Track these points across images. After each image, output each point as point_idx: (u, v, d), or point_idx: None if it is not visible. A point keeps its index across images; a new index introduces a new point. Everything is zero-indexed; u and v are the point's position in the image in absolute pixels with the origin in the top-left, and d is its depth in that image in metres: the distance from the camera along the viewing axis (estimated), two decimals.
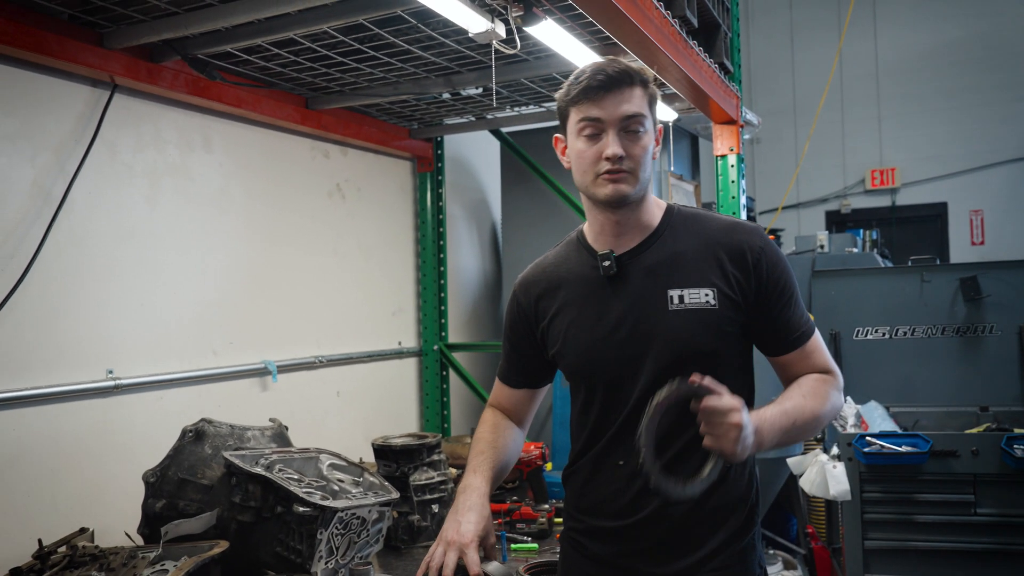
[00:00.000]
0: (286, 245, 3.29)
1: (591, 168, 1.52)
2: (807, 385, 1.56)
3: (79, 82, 2.47)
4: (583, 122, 1.51)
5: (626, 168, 1.49)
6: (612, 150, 1.48)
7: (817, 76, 8.99)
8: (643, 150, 1.51)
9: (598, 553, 1.62)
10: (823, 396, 1.55)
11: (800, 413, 1.50)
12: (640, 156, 1.51)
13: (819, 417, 1.53)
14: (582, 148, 1.52)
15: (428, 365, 4.12)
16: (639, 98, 1.51)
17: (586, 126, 1.51)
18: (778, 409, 1.48)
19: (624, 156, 1.49)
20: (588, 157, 1.52)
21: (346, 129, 3.50)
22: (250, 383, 3.09)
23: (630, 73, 1.50)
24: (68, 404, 2.41)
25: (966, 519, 3.11)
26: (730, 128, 3.35)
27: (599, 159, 1.50)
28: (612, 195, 1.51)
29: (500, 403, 1.83)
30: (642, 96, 1.52)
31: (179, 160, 2.82)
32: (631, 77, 1.50)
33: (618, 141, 1.49)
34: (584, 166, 1.53)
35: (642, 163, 1.52)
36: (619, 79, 1.49)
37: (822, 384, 1.57)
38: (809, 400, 1.52)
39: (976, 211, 8.58)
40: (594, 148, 1.51)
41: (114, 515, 2.49)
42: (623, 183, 1.50)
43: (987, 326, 3.78)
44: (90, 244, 2.51)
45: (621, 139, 1.49)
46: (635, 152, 1.50)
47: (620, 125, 1.49)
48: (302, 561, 2.21)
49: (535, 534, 2.72)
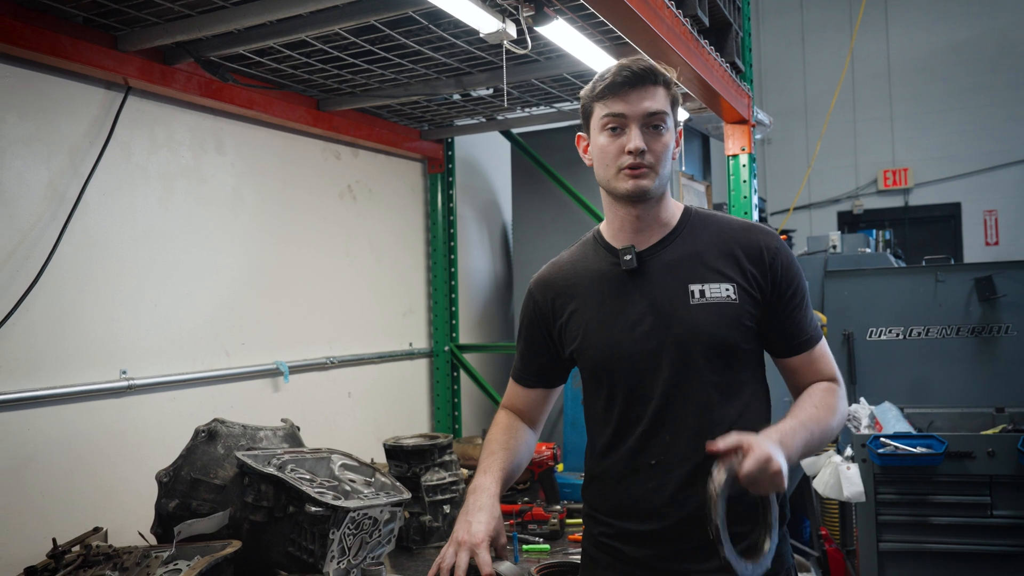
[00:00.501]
0: (298, 246, 3.30)
1: (613, 162, 1.55)
2: (818, 396, 1.58)
3: (94, 84, 2.49)
4: (607, 117, 1.54)
5: (647, 163, 1.52)
6: (634, 144, 1.51)
7: (828, 76, 8.95)
8: (664, 147, 1.54)
9: (635, 556, 1.60)
10: (832, 407, 1.57)
11: (817, 424, 1.52)
12: (661, 152, 1.54)
13: (832, 428, 1.56)
14: (605, 143, 1.55)
15: (439, 366, 4.12)
16: (662, 97, 1.54)
17: (610, 121, 1.54)
18: (796, 422, 1.49)
19: (646, 150, 1.51)
20: (611, 151, 1.55)
21: (357, 130, 3.51)
22: (262, 384, 3.10)
23: (655, 72, 1.54)
24: (82, 404, 2.42)
25: (982, 521, 3.09)
26: (742, 128, 3.34)
27: (621, 153, 1.53)
28: (633, 190, 1.54)
29: (513, 404, 1.83)
30: (665, 96, 1.55)
31: (192, 162, 2.84)
32: (656, 76, 1.54)
33: (640, 136, 1.52)
34: (607, 160, 1.56)
35: (663, 159, 1.54)
36: (644, 76, 1.52)
37: (830, 396, 1.59)
38: (822, 412, 1.54)
39: (990, 211, 8.52)
40: (617, 142, 1.54)
41: (127, 515, 2.51)
42: (644, 178, 1.53)
43: (1003, 326, 3.75)
44: (104, 245, 2.52)
45: (644, 134, 1.52)
46: (656, 148, 1.53)
47: (643, 121, 1.52)
48: (314, 561, 2.21)
49: (547, 535, 2.71)
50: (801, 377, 1.62)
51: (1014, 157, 8.33)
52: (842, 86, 8.57)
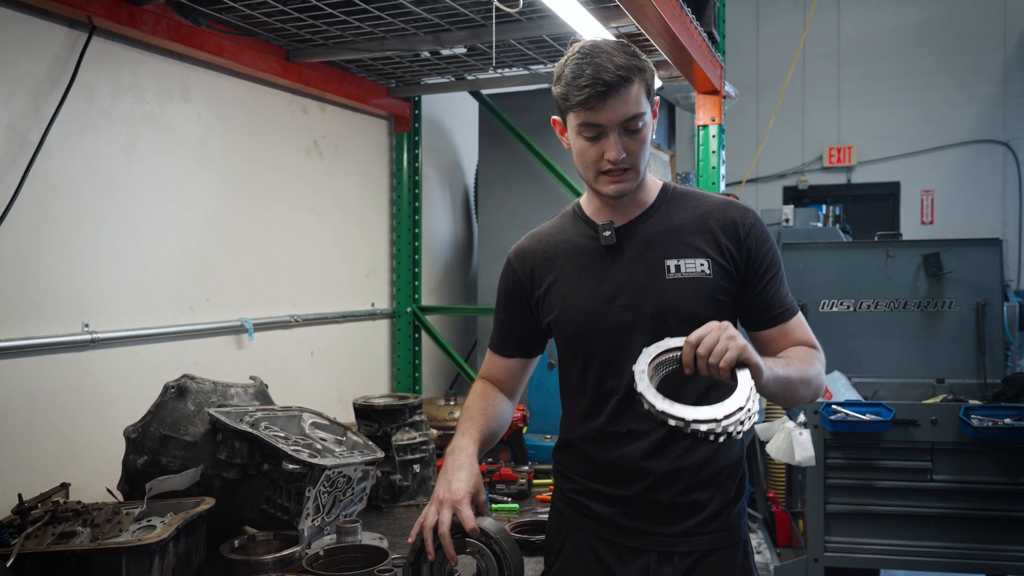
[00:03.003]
0: (264, 201, 3.22)
1: (593, 166, 1.55)
2: (793, 351, 1.61)
3: (56, 22, 2.36)
4: (583, 127, 1.52)
5: (627, 166, 1.53)
6: (614, 154, 1.50)
7: (781, 52, 9.07)
8: (642, 143, 1.54)
9: (603, 514, 1.65)
10: (810, 362, 1.59)
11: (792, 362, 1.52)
12: (639, 150, 1.54)
13: (810, 378, 1.56)
14: (583, 147, 1.54)
15: (401, 327, 4.10)
16: (636, 94, 1.50)
17: (586, 130, 1.52)
18: (775, 359, 1.51)
19: (625, 156, 1.51)
20: (590, 156, 1.54)
21: (326, 84, 3.42)
22: (226, 340, 3.03)
23: (628, 73, 1.48)
24: (43, 357, 2.34)
25: (923, 485, 3.26)
26: (713, 98, 3.36)
27: (601, 159, 1.53)
28: (614, 193, 1.57)
29: (491, 375, 1.84)
30: (639, 89, 1.50)
31: (157, 109, 2.73)
32: (630, 76, 1.48)
33: (619, 144, 1.50)
34: (586, 163, 1.56)
35: (641, 156, 1.55)
36: (618, 84, 1.47)
37: (808, 353, 1.62)
38: (796, 361, 1.55)
39: (927, 191, 8.82)
40: (596, 148, 1.53)
41: (89, 471, 2.44)
42: (625, 182, 1.55)
43: (947, 301, 3.93)
44: (66, 193, 2.41)
45: (622, 138, 1.51)
46: (634, 148, 1.53)
47: (621, 127, 1.50)
48: (289, 519, 2.20)
49: (515, 495, 2.75)
50: (777, 348, 1.65)
51: (951, 140, 8.61)
52: (793, 64, 8.71)
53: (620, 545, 1.63)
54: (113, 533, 1.96)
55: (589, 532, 1.67)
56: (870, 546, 3.31)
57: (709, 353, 1.32)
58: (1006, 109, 8.32)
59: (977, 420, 3.16)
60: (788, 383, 1.48)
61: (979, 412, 3.22)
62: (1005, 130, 8.34)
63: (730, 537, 1.63)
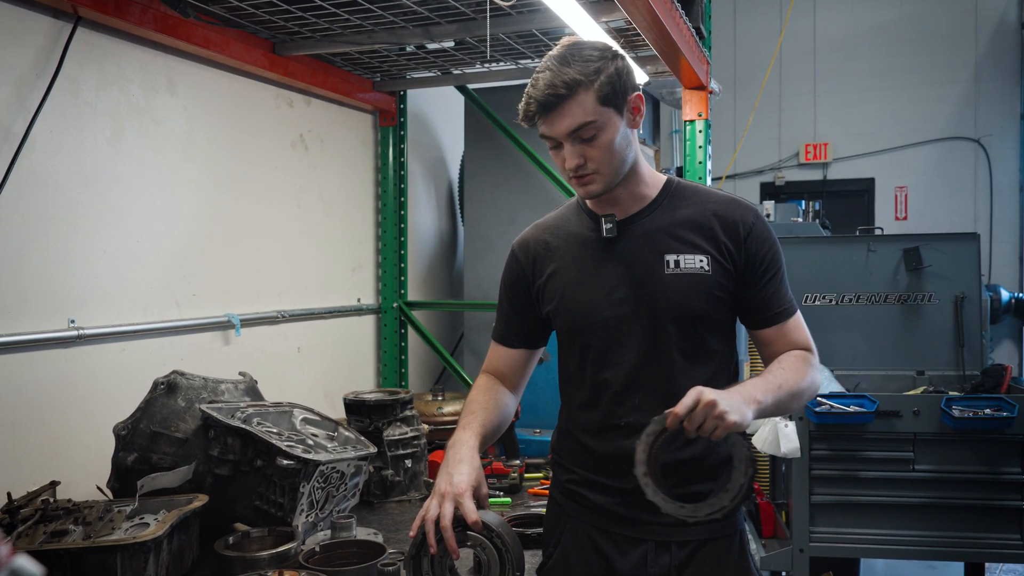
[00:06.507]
0: (250, 196, 3.19)
1: (563, 172, 1.60)
2: (788, 361, 1.62)
3: (40, 12, 2.31)
4: (543, 138, 1.58)
5: (589, 171, 1.56)
6: (570, 163, 1.55)
7: (759, 50, 9.15)
8: (603, 149, 1.54)
9: (600, 504, 1.66)
10: (803, 372, 1.60)
11: (786, 383, 1.55)
12: (599, 156, 1.54)
13: (802, 390, 1.59)
14: (552, 154, 1.60)
15: (387, 323, 4.08)
16: (583, 104, 1.49)
17: (546, 139, 1.57)
18: (761, 380, 1.53)
19: (583, 163, 1.54)
20: (559, 163, 1.60)
21: (312, 78, 3.39)
22: (213, 336, 3.00)
23: (560, 91, 1.48)
24: (30, 354, 2.30)
25: (905, 475, 3.30)
26: (699, 94, 3.39)
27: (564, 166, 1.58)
28: (585, 195, 1.62)
29: (495, 368, 1.83)
30: (589, 98, 1.49)
31: (143, 102, 2.69)
32: (565, 92, 1.48)
33: (574, 152, 1.53)
34: (559, 168, 1.61)
35: (605, 160, 1.55)
36: (550, 103, 1.48)
37: (802, 362, 1.63)
38: (790, 373, 1.57)
39: (901, 187, 8.95)
40: (559, 157, 1.58)
41: (76, 469, 2.41)
42: (591, 184, 1.58)
43: (927, 295, 3.97)
44: (52, 186, 2.37)
45: (577, 146, 1.53)
46: (593, 154, 1.54)
47: (571, 138, 1.52)
48: (283, 515, 2.18)
49: (507, 489, 2.75)
50: (775, 348, 1.67)
51: (924, 137, 8.74)
52: (771, 61, 8.79)
53: (618, 535, 1.64)
54: (106, 531, 1.93)
55: (587, 522, 1.68)
56: (854, 536, 3.35)
57: (699, 428, 1.37)
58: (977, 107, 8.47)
59: (958, 411, 3.21)
60: (777, 407, 1.54)
61: (959, 403, 3.27)
62: (976, 127, 8.49)
63: (727, 527, 1.65)
